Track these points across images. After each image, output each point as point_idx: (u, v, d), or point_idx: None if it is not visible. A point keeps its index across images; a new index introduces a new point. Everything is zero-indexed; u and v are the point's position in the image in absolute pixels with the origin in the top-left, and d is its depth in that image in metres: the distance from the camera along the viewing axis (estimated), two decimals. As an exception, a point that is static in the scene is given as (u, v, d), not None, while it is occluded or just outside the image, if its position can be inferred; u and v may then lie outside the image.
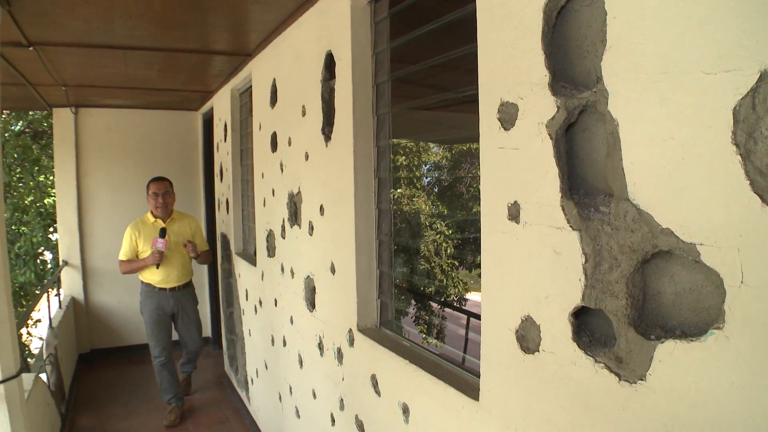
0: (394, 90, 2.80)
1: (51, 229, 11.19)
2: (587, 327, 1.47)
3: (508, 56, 1.65)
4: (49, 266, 11.15)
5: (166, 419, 5.67)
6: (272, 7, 3.52)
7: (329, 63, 3.11)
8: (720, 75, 1.06)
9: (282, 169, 4.01)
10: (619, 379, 1.33)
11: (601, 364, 1.38)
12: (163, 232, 5.36)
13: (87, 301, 7.82)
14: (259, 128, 4.63)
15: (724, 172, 1.07)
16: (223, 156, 6.33)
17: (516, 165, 1.63)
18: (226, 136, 6.13)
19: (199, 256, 5.68)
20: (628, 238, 1.29)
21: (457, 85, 2.18)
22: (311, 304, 3.56)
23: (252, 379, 5.50)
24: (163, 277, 5.51)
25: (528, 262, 1.61)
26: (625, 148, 1.28)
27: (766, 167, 1.00)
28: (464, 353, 2.53)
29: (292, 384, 4.13)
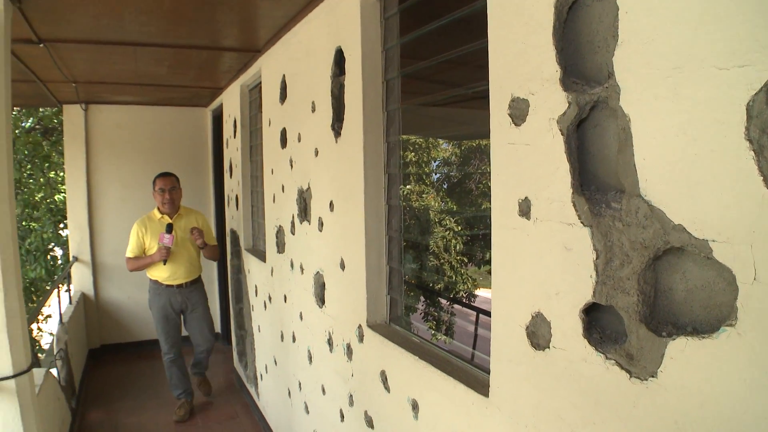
0: (403, 86, 2.80)
1: (61, 226, 11.26)
2: (598, 323, 1.47)
3: (519, 52, 1.64)
4: (60, 262, 11.21)
5: (176, 414, 5.71)
6: (282, 3, 3.52)
7: (339, 59, 3.11)
8: (733, 70, 1.06)
9: (291, 165, 4.01)
10: (630, 376, 1.32)
11: (612, 361, 1.37)
12: (169, 228, 5.31)
13: (97, 297, 7.87)
14: (269, 124, 4.63)
15: (737, 168, 1.06)
16: (233, 152, 6.34)
17: (527, 161, 1.63)
18: (235, 132, 6.14)
19: (206, 246, 5.58)
20: (639, 234, 1.28)
21: (467, 81, 2.17)
22: (321, 300, 3.56)
23: (261, 375, 5.51)
24: (170, 274, 5.49)
25: (539, 259, 1.60)
26: (636, 144, 1.28)
27: (780, 163, 1.00)
28: (473, 350, 2.54)
29: (301, 380, 4.14)
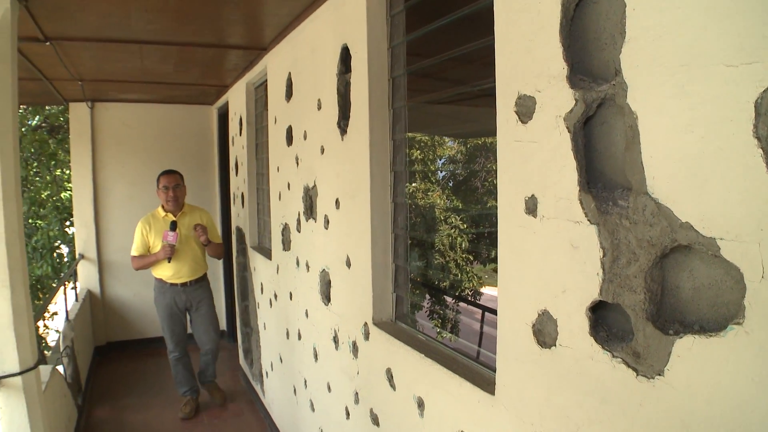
0: (409, 84, 2.80)
1: (67, 223, 11.27)
2: (605, 322, 1.46)
3: (526, 49, 1.64)
4: (66, 260, 11.23)
5: (181, 411, 5.72)
6: (288, 0, 3.52)
7: (345, 56, 3.11)
8: (741, 67, 1.05)
9: (297, 163, 4.01)
10: (637, 374, 1.32)
11: (619, 359, 1.37)
12: (173, 225, 5.27)
13: (103, 294, 7.89)
14: (275, 122, 4.64)
15: (745, 165, 1.06)
16: (239, 150, 6.35)
17: (533, 158, 1.62)
18: (241, 130, 6.14)
19: (209, 244, 5.53)
20: (646, 232, 1.28)
21: (473, 78, 2.16)
22: (326, 298, 3.56)
23: (267, 372, 5.52)
24: (174, 272, 5.46)
25: (545, 256, 1.60)
26: (644, 142, 1.27)
27: (789, 161, 0.99)
28: (479, 347, 2.53)
29: (306, 377, 4.14)
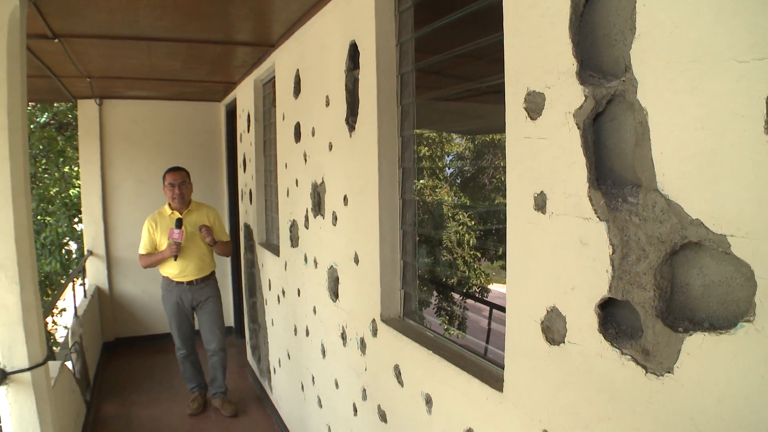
0: (417, 80, 2.79)
1: (76, 220, 11.32)
2: (614, 319, 1.46)
3: (535, 45, 1.63)
4: (74, 256, 11.28)
5: (189, 407, 5.74)
6: (296, -3, 3.53)
7: (353, 53, 3.10)
8: (753, 63, 1.04)
9: (305, 160, 4.02)
10: (646, 372, 1.32)
11: (628, 357, 1.37)
12: (179, 223, 5.22)
13: (111, 291, 7.93)
14: (283, 119, 4.64)
15: (757, 162, 1.05)
16: (247, 147, 6.36)
17: (542, 155, 1.62)
18: (249, 126, 6.15)
19: (216, 244, 5.47)
20: (656, 229, 1.27)
21: (481, 75, 2.16)
22: (334, 294, 3.56)
23: (274, 369, 5.53)
24: (180, 271, 5.39)
25: (554, 253, 1.60)
26: (654, 138, 1.26)
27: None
28: (486, 344, 2.53)
29: (314, 374, 4.15)
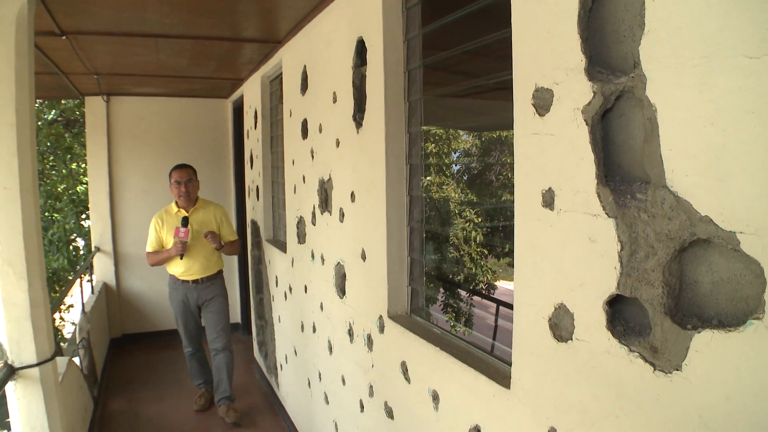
0: (425, 77, 2.79)
1: (83, 216, 11.36)
2: (622, 316, 1.45)
3: (543, 41, 1.63)
4: (82, 252, 11.32)
5: (196, 404, 5.75)
6: (303, -7, 3.53)
7: (360, 49, 3.10)
8: (763, 59, 1.04)
9: (313, 156, 4.02)
10: (654, 369, 1.31)
11: (636, 354, 1.36)
12: (185, 221, 5.15)
13: (118, 287, 7.96)
14: (290, 115, 4.64)
15: (767, 158, 1.05)
16: (254, 143, 6.36)
17: (551, 151, 1.62)
18: (256, 123, 6.16)
19: (223, 247, 5.40)
20: (665, 225, 1.27)
21: (488, 71, 2.15)
22: (341, 291, 3.57)
23: (281, 365, 5.54)
24: (186, 269, 5.32)
25: (562, 250, 1.59)
26: (663, 134, 1.26)
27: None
28: (493, 341, 2.53)
29: (321, 370, 4.15)
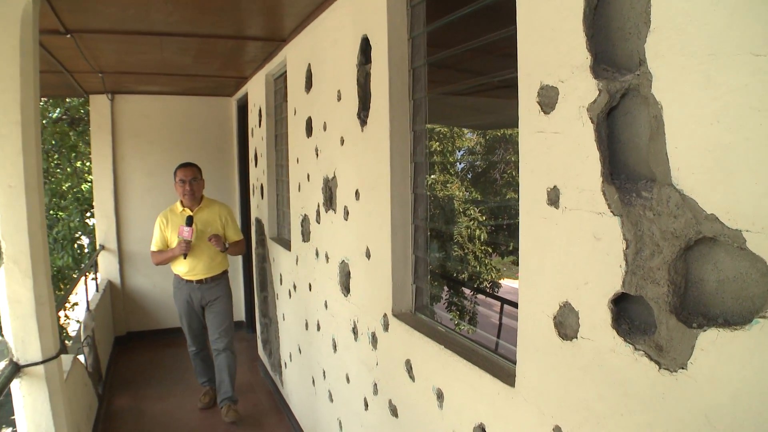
0: (429, 75, 2.79)
1: (88, 214, 11.39)
2: (627, 314, 1.45)
3: (549, 39, 1.62)
4: (86, 250, 11.35)
5: (201, 401, 5.76)
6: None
7: (365, 47, 3.10)
8: (770, 56, 1.04)
9: (317, 154, 4.02)
10: (660, 368, 1.31)
11: (641, 352, 1.36)
12: (189, 221, 5.09)
13: (123, 285, 7.98)
14: (294, 113, 4.64)
15: (773, 156, 1.04)
16: (258, 141, 6.37)
17: (556, 149, 1.61)
18: (260, 121, 6.16)
19: (227, 248, 5.36)
20: (670, 224, 1.27)
21: (493, 69, 2.15)
22: (346, 289, 3.57)
23: (285, 363, 5.55)
24: (189, 269, 5.28)
25: (567, 248, 1.59)
26: (669, 132, 1.26)
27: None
28: (498, 339, 2.53)
29: (325, 368, 4.16)
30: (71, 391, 4.01)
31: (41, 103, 10.23)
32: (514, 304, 1.89)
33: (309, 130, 4.21)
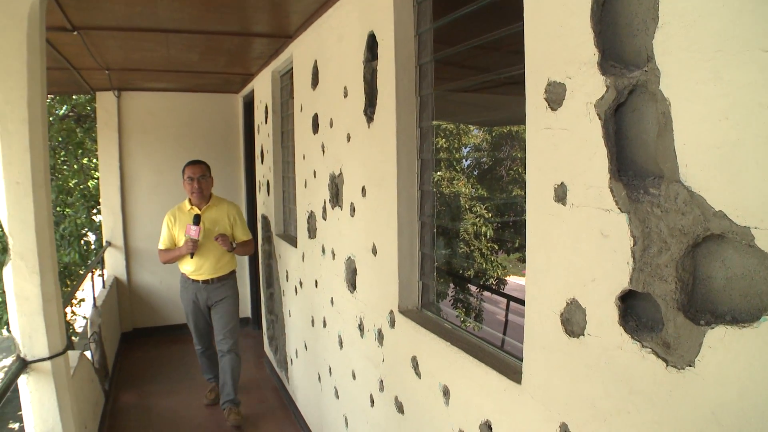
0: (436, 71, 2.78)
1: (94, 211, 11.41)
2: (634, 311, 1.45)
3: (556, 35, 1.62)
4: (93, 247, 11.37)
5: (206, 398, 5.79)
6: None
7: (371, 44, 3.10)
8: (779, 52, 1.03)
9: (323, 151, 4.02)
10: (667, 365, 1.31)
11: (648, 349, 1.36)
12: (196, 220, 5.00)
13: (129, 281, 8.02)
14: (301, 110, 4.64)
15: (782, 153, 1.04)
16: (264, 138, 6.37)
17: (563, 146, 1.61)
18: (266, 118, 6.16)
19: (234, 248, 5.28)
20: (678, 220, 1.26)
21: (499, 66, 2.15)
22: (352, 286, 3.57)
23: (291, 360, 5.56)
24: (196, 268, 5.20)
25: (574, 245, 1.59)
26: (677, 129, 1.25)
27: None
28: (504, 336, 2.53)
29: (331, 364, 4.16)
30: (78, 387, 4.03)
31: (48, 100, 10.25)
32: (520, 301, 1.88)
33: (315, 127, 4.21)
